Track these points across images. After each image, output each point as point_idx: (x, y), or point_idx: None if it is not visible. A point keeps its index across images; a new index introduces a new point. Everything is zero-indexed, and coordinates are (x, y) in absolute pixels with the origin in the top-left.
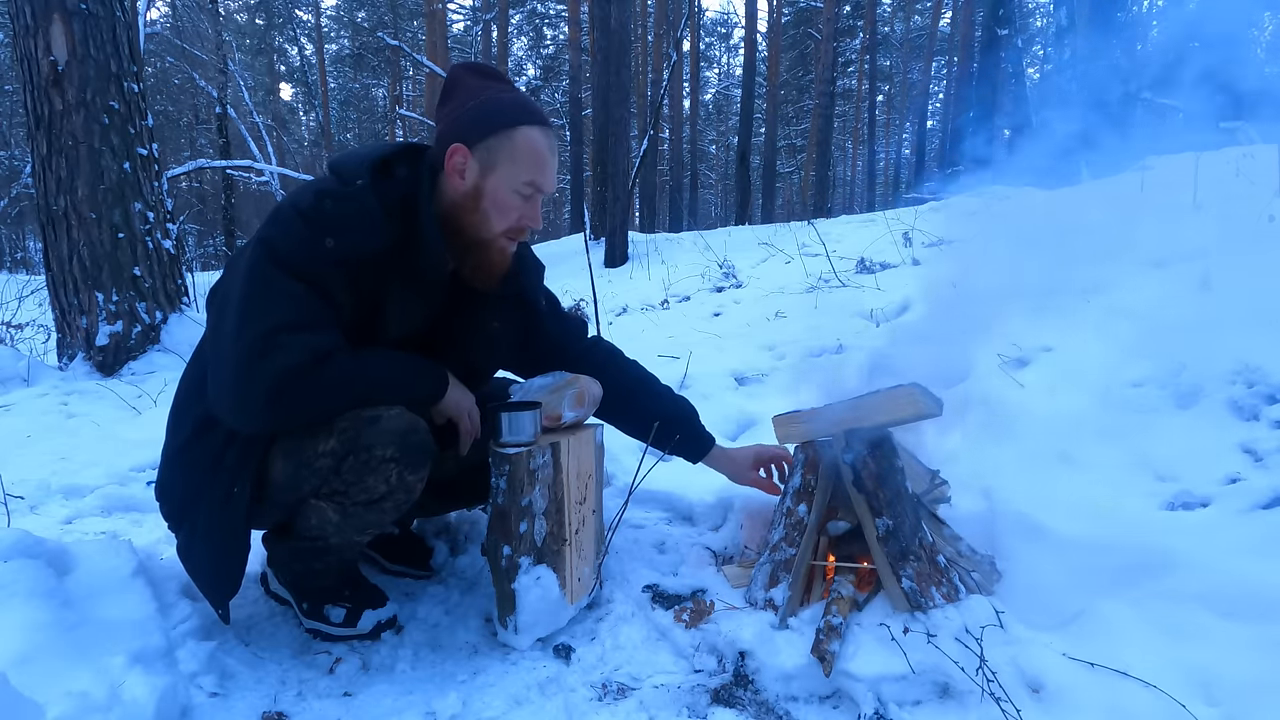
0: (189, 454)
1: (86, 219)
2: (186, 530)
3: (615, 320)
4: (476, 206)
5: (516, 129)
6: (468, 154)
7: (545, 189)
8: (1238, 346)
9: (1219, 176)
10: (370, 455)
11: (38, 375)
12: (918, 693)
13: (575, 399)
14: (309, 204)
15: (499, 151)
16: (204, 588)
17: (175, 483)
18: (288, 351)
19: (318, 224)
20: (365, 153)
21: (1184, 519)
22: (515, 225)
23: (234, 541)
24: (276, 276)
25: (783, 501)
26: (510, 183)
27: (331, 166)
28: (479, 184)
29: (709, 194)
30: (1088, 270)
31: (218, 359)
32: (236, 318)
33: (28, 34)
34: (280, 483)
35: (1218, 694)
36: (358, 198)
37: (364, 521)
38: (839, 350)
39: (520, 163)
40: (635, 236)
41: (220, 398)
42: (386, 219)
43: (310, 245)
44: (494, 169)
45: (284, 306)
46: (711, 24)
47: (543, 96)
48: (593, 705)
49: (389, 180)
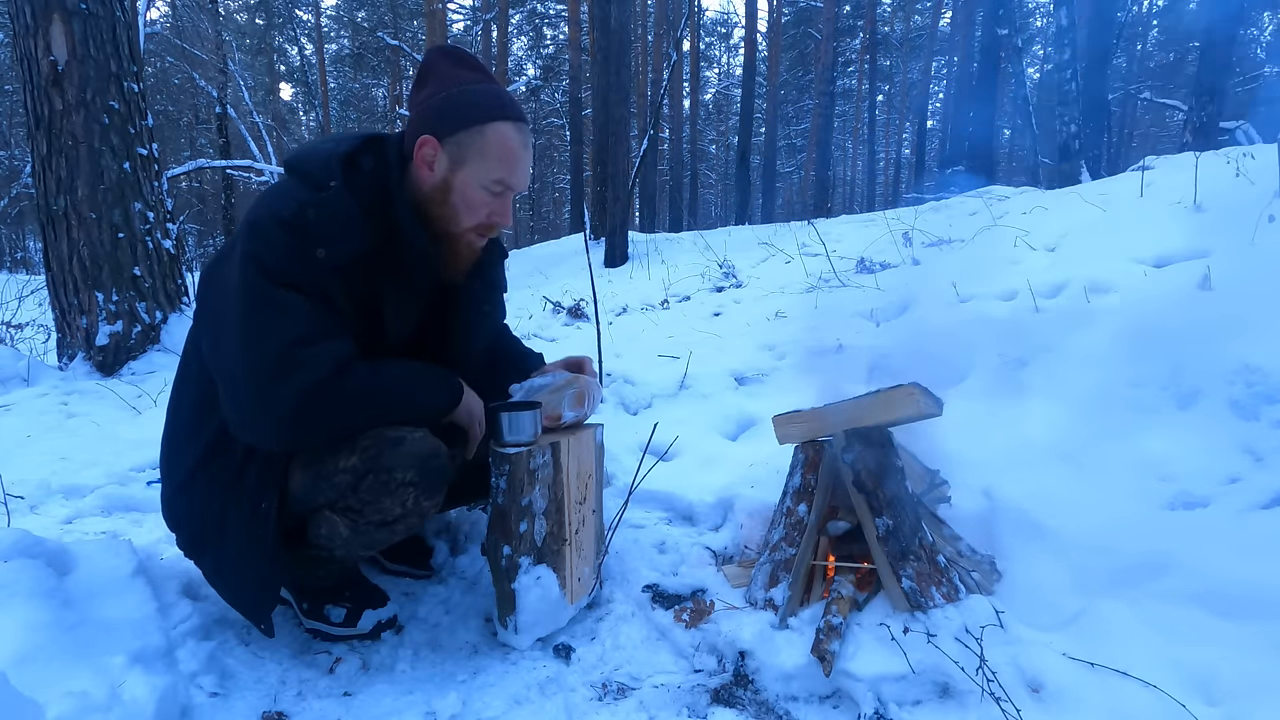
0: (204, 476)
1: (86, 219)
2: (213, 554)
3: (615, 320)
4: (445, 200)
5: (488, 125)
6: (438, 146)
7: (516, 188)
8: (1238, 346)
9: (1219, 176)
10: (390, 478)
11: (38, 375)
12: (918, 692)
13: (575, 399)
14: (290, 214)
15: (469, 147)
16: (243, 607)
17: (192, 508)
18: (307, 368)
19: (305, 234)
20: (328, 149)
21: (1184, 519)
22: (484, 222)
23: (267, 557)
24: (275, 291)
25: (783, 501)
26: (479, 179)
27: (294, 167)
28: (448, 178)
29: (709, 194)
30: (1089, 270)
31: (230, 382)
32: (242, 338)
33: (28, 34)
34: (296, 494)
35: (1217, 694)
36: (336, 202)
37: (373, 540)
38: (839, 350)
39: (490, 159)
40: (635, 236)
41: (241, 421)
42: (365, 219)
43: (302, 256)
44: (463, 164)
45: (291, 321)
46: (711, 24)
47: (543, 96)
48: (593, 705)
49: (358, 175)
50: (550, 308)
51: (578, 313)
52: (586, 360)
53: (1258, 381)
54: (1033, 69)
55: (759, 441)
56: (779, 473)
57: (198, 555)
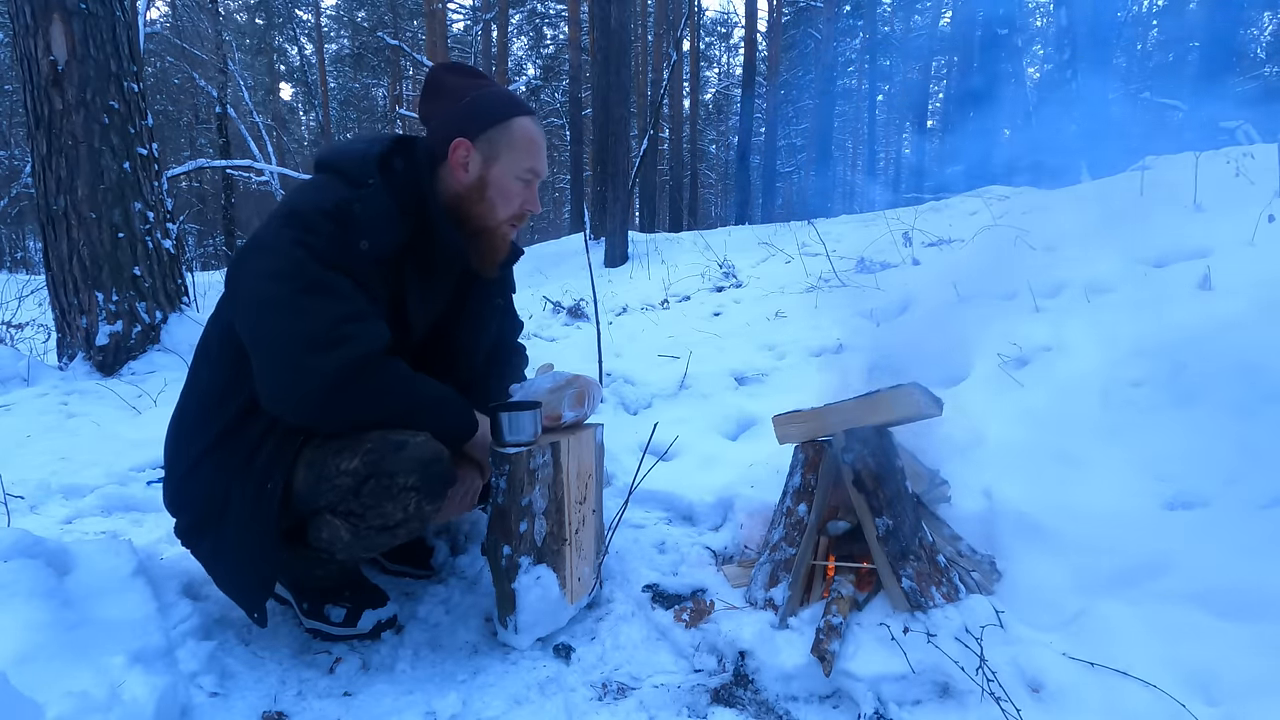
0: (212, 461)
1: (86, 219)
2: (212, 537)
3: (615, 320)
4: (482, 196)
5: (512, 120)
6: (470, 147)
7: (541, 173)
8: (1238, 346)
9: (1219, 176)
10: (392, 482)
11: (38, 375)
12: (918, 692)
13: (575, 399)
14: (333, 206)
15: (499, 143)
16: (237, 593)
17: (197, 491)
18: (355, 341)
19: (349, 225)
20: (363, 149)
21: (1184, 519)
22: (518, 211)
23: (267, 540)
24: (324, 273)
25: (783, 501)
26: (512, 170)
27: (332, 165)
28: (483, 174)
29: (709, 194)
30: (1088, 269)
31: (272, 355)
32: (292, 313)
33: (27, 34)
34: (299, 492)
35: (1217, 694)
36: (377, 198)
37: (374, 544)
38: (839, 350)
39: (519, 150)
40: (635, 236)
41: (278, 388)
42: (401, 216)
43: (347, 246)
44: (496, 159)
45: (341, 299)
46: (711, 24)
47: (543, 96)
48: (593, 705)
49: (393, 175)
50: (550, 307)
51: (578, 312)
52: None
53: (1258, 381)
54: (1033, 69)
55: (759, 441)
56: (779, 473)
57: (196, 540)
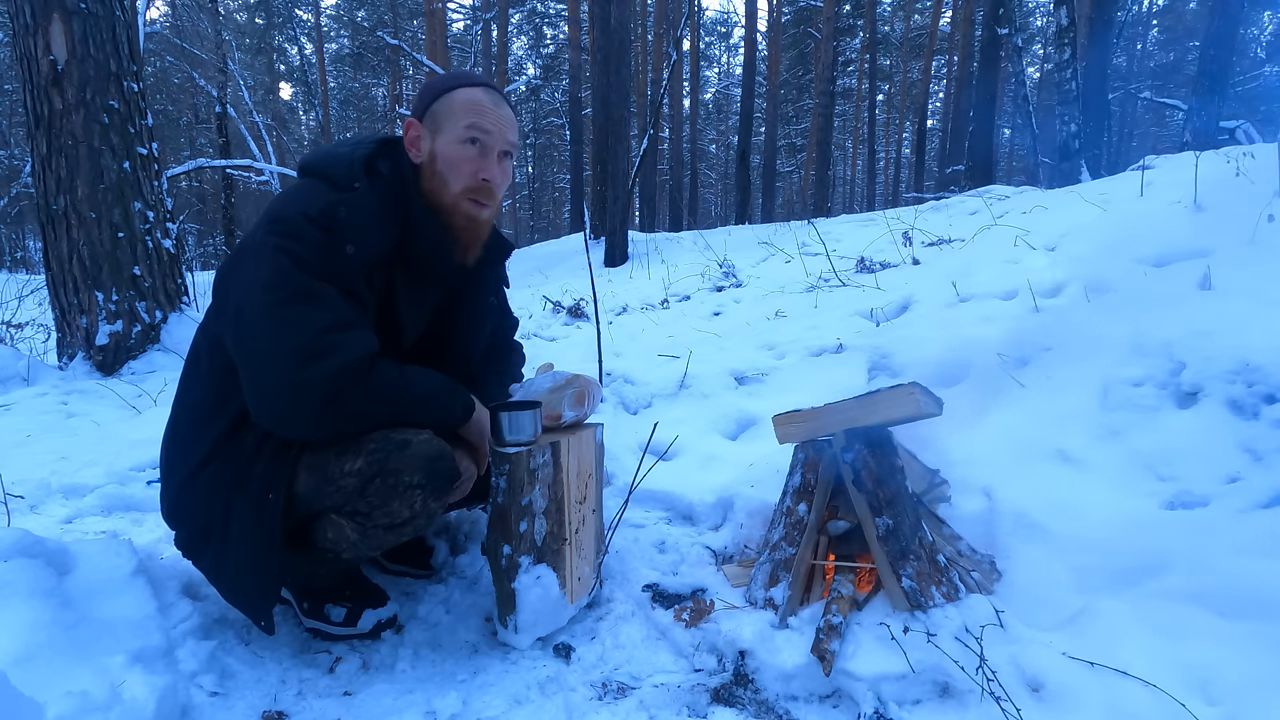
0: (208, 473)
1: (86, 218)
2: (215, 549)
3: (615, 319)
4: (434, 171)
5: (455, 90)
6: (419, 126)
7: (489, 131)
8: (1238, 346)
9: (1219, 176)
10: (398, 480)
11: (37, 375)
12: (918, 692)
13: (575, 398)
14: (319, 211)
15: (440, 114)
16: (243, 603)
17: (196, 505)
18: (341, 351)
19: (335, 231)
20: (348, 153)
21: (1184, 519)
22: (471, 183)
23: (271, 550)
24: (308, 281)
25: (783, 501)
26: (454, 135)
27: (317, 170)
28: (432, 150)
29: (709, 194)
30: (1089, 269)
31: (259, 368)
32: (276, 324)
33: (27, 33)
34: (302, 495)
35: (1217, 693)
36: (364, 202)
37: (381, 542)
38: (839, 350)
39: (458, 113)
40: (635, 236)
41: (269, 404)
42: (388, 219)
43: (332, 252)
44: (440, 131)
45: (325, 309)
46: (711, 23)
47: (542, 96)
48: (593, 704)
49: (379, 178)
50: (550, 307)
51: (578, 312)
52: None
53: (1258, 381)
54: (1033, 69)
55: (759, 441)
56: (779, 472)
57: (198, 553)
